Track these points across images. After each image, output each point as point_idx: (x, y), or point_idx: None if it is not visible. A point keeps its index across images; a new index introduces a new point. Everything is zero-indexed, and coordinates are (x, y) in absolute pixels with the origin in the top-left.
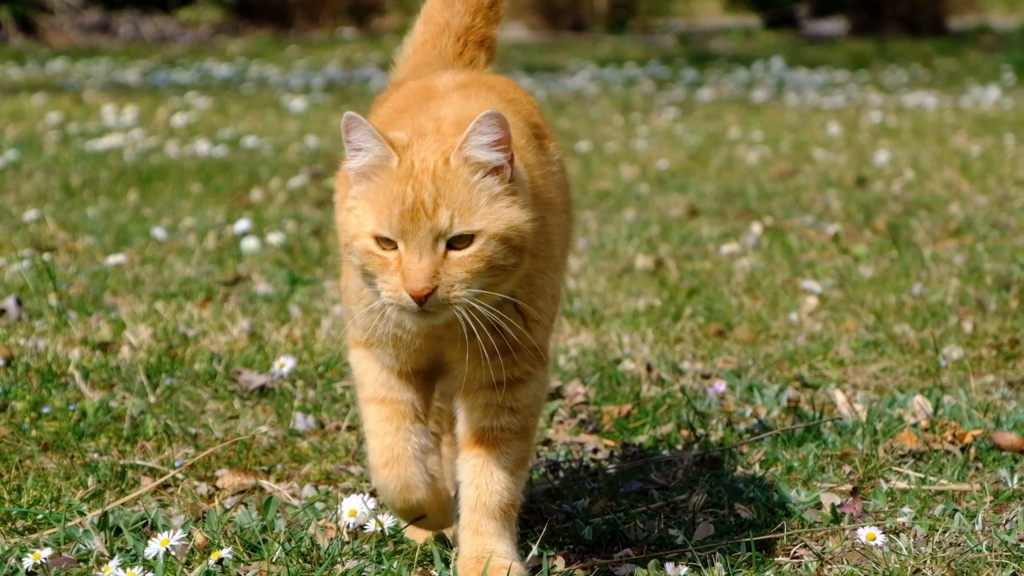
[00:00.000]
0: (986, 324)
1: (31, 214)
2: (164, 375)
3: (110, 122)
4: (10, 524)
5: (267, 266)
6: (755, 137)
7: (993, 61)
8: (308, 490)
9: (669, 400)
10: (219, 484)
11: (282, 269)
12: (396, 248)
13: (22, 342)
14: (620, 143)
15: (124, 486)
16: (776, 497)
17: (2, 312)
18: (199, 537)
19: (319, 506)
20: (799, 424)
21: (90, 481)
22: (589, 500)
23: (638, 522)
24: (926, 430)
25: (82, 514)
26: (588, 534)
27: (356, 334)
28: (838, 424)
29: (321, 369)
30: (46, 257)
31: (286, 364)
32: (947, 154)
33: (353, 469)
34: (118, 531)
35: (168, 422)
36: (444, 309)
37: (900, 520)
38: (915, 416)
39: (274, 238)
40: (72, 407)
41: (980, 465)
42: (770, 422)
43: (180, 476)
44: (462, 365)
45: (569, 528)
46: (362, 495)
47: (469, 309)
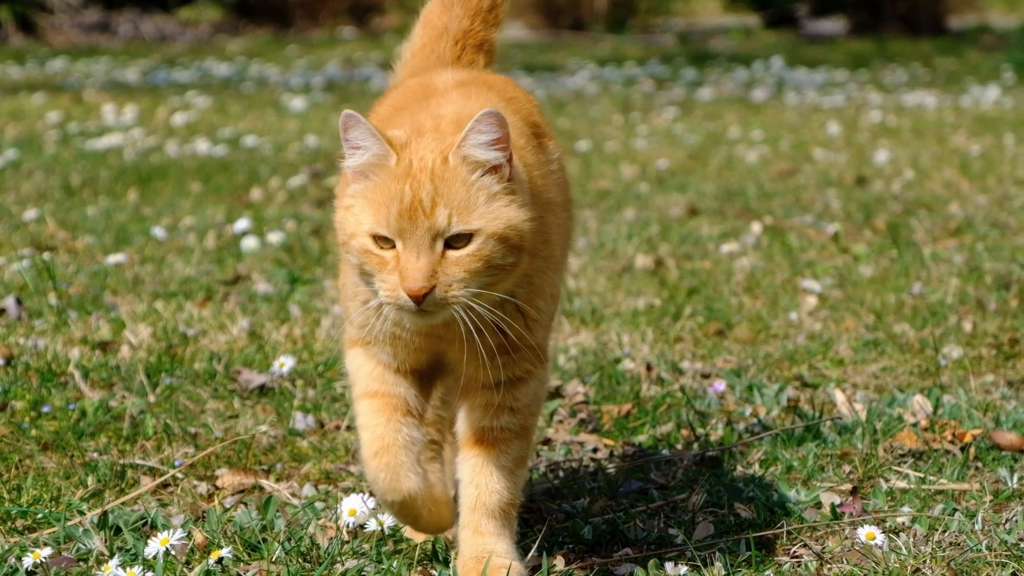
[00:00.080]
0: (986, 323)
1: (31, 213)
2: (164, 374)
3: (110, 121)
4: (10, 523)
5: (267, 265)
6: (755, 136)
7: (993, 60)
8: (308, 489)
9: (669, 399)
10: (219, 483)
11: (282, 268)
12: (394, 247)
13: (22, 341)
14: (620, 142)
15: (124, 485)
16: (776, 496)
17: (2, 311)
18: (199, 536)
19: (319, 505)
20: (799, 424)
21: (90, 480)
22: (589, 499)
23: (638, 521)
24: (926, 429)
25: (82, 513)
26: (588, 533)
27: (353, 333)
28: (838, 424)
29: (321, 368)
30: (46, 256)
31: (286, 363)
32: (947, 153)
33: (353, 468)
34: (118, 530)
35: (168, 421)
36: (442, 308)
37: (900, 519)
38: (915, 416)
39: (274, 237)
40: (72, 406)
41: (980, 464)
42: (770, 421)
43: (180, 475)
44: (461, 365)
45: (569, 527)
46: (362, 494)
47: (467, 309)
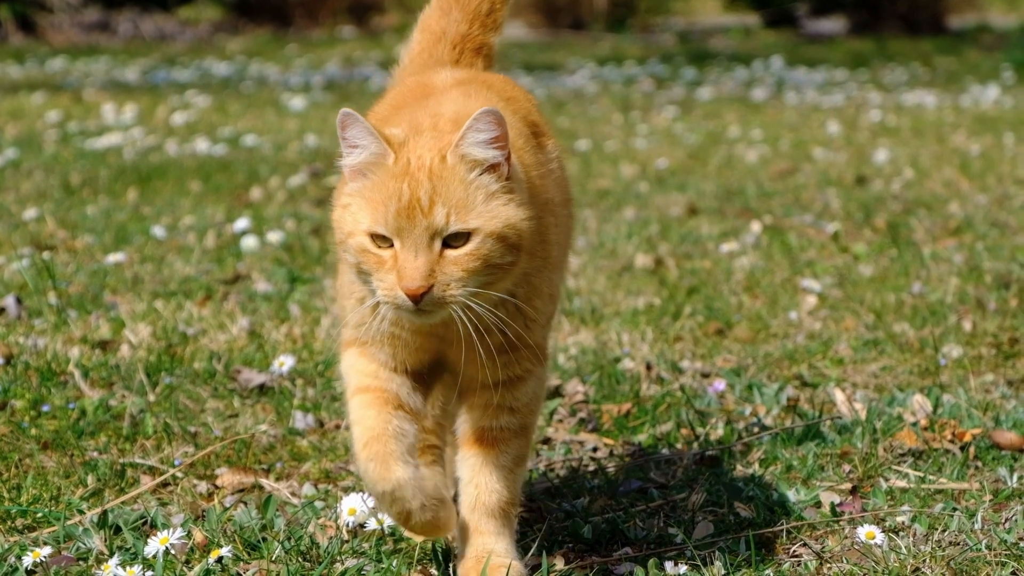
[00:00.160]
0: (985, 323)
1: (31, 212)
2: (164, 373)
3: (110, 121)
4: (10, 522)
5: (266, 265)
6: (755, 136)
7: (992, 60)
8: (307, 488)
9: (668, 399)
10: (218, 483)
11: (281, 268)
12: (392, 246)
13: (22, 340)
14: (620, 142)
15: (124, 484)
16: (775, 496)
17: (2, 310)
18: (199, 536)
19: (318, 504)
20: (798, 423)
21: (90, 479)
22: (588, 499)
23: (637, 521)
24: (925, 429)
25: (82, 512)
26: (587, 533)
27: (348, 334)
28: (837, 423)
29: (321, 368)
30: (46, 255)
31: (285, 363)
32: (946, 153)
33: (352, 468)
34: (118, 529)
35: (167, 421)
36: (440, 308)
37: (899, 519)
38: (914, 415)
39: (273, 236)
40: (72, 405)
41: (979, 464)
42: (769, 421)
43: (180, 475)
44: (460, 365)
45: (568, 527)
46: (361, 493)
47: (465, 308)
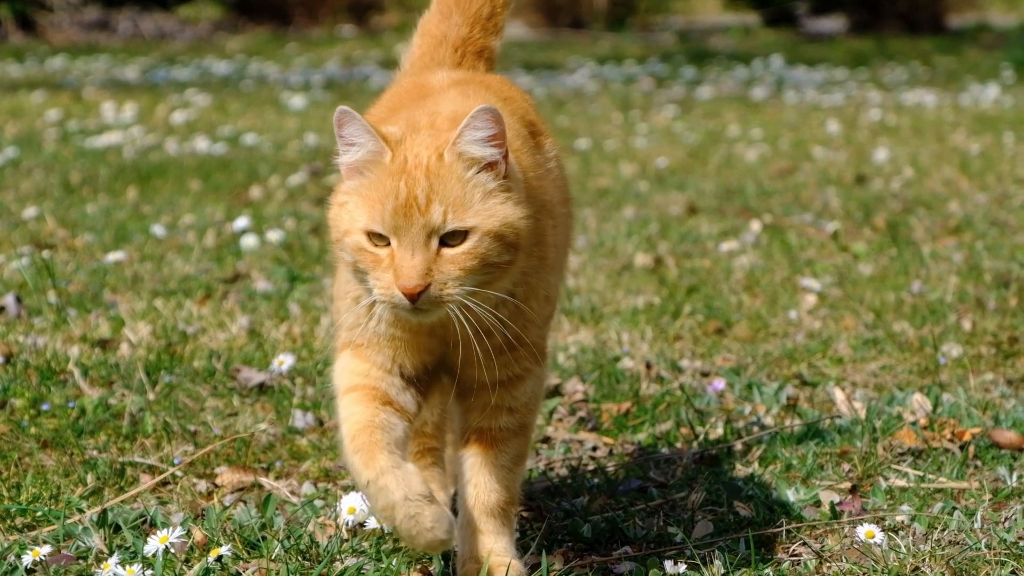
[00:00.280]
0: (985, 322)
1: (30, 211)
2: (163, 372)
3: (109, 119)
4: (9, 521)
5: (266, 263)
6: (754, 135)
7: (992, 59)
8: (307, 487)
9: (668, 398)
10: (218, 481)
11: (281, 267)
12: (388, 244)
13: (21, 339)
14: (619, 141)
15: (123, 483)
16: (775, 495)
17: (1, 309)
18: (198, 534)
19: (318, 503)
20: (798, 422)
21: (89, 478)
22: (588, 498)
23: (637, 520)
24: (925, 428)
25: (81, 511)
26: (587, 532)
27: (343, 336)
28: (837, 422)
29: (320, 366)
30: (45, 254)
31: (285, 361)
32: (946, 152)
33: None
34: (117, 528)
35: (167, 419)
36: (437, 307)
37: (899, 518)
38: (914, 414)
39: (273, 235)
40: (71, 404)
41: (979, 463)
42: (769, 420)
43: (179, 473)
44: (458, 364)
45: (568, 526)
46: (361, 493)
47: (463, 307)
